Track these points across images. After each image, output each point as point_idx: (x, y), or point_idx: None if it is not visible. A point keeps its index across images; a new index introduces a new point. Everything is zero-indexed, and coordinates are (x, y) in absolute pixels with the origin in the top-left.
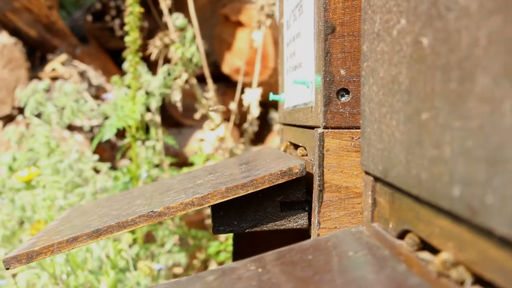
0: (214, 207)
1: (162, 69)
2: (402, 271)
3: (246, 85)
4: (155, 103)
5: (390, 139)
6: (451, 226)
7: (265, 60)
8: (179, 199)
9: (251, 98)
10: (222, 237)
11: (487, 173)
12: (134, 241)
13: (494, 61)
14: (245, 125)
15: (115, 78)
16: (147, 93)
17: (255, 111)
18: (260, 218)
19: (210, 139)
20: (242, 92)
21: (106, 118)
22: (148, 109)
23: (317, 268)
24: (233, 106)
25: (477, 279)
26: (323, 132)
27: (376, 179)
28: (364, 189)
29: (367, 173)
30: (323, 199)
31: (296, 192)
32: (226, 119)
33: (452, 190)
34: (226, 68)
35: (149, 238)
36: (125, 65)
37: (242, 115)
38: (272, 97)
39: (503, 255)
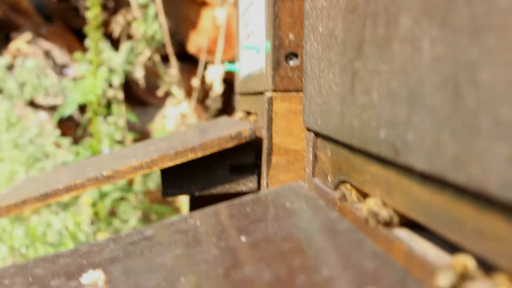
0: (165, 171)
1: (124, 46)
2: (334, 217)
3: (211, 63)
4: (117, 80)
5: (328, 92)
6: (380, 171)
7: (229, 38)
8: (129, 164)
9: (214, 75)
10: (185, 211)
11: (407, 112)
12: (97, 216)
13: (415, 1)
14: (208, 102)
15: (77, 54)
16: (110, 70)
17: (218, 88)
18: (209, 182)
19: (173, 116)
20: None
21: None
22: (111, 86)
23: (253, 219)
24: (195, 82)
25: (406, 223)
26: (271, 95)
27: (317, 134)
28: (306, 146)
29: (308, 129)
30: (271, 162)
31: (246, 156)
32: (190, 96)
33: (379, 133)
34: (191, 48)
35: (114, 215)
36: (87, 41)
37: (207, 92)
38: (227, 67)
39: (423, 192)
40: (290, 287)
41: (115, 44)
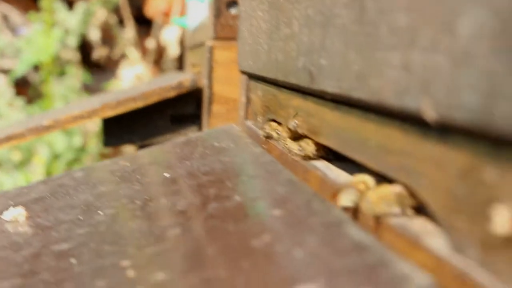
0: (107, 122)
1: (79, 6)
2: (258, 152)
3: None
4: (73, 40)
5: (258, 31)
6: (302, 103)
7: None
8: (70, 113)
9: (170, 36)
10: None
11: (321, 36)
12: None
13: None
14: (164, 64)
15: (32, 14)
16: (65, 31)
17: (173, 50)
18: (151, 132)
19: (128, 77)
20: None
21: None
22: (66, 47)
23: (181, 157)
24: (150, 44)
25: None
26: (212, 45)
27: (250, 76)
28: (241, 89)
29: (243, 72)
30: (212, 111)
31: (187, 106)
32: (146, 58)
33: (298, 62)
34: (149, 11)
35: None
36: (41, 1)
37: (162, 54)
38: (175, 21)
39: (335, 117)
40: (200, 213)
41: (71, 5)
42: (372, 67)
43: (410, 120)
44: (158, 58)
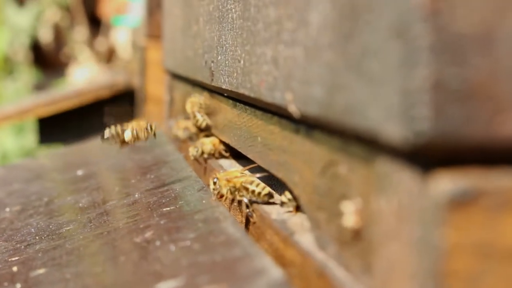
0: (42, 121)
1: (30, 6)
2: (169, 150)
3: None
4: (23, 40)
5: (175, 29)
6: (209, 100)
7: None
8: (3, 113)
9: (119, 36)
10: None
11: (218, 32)
12: None
13: None
14: (115, 64)
15: None
16: (15, 31)
17: (123, 50)
18: (85, 131)
19: (79, 77)
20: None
21: None
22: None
23: (99, 155)
24: (101, 44)
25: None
26: (144, 45)
27: (172, 75)
28: (165, 89)
29: (166, 71)
30: (145, 110)
31: (121, 106)
32: (98, 58)
33: (203, 60)
34: (102, 12)
35: None
36: None
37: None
38: (116, 20)
39: (234, 115)
40: (97, 211)
41: (21, 3)
42: (253, 63)
43: (284, 116)
44: (110, 58)
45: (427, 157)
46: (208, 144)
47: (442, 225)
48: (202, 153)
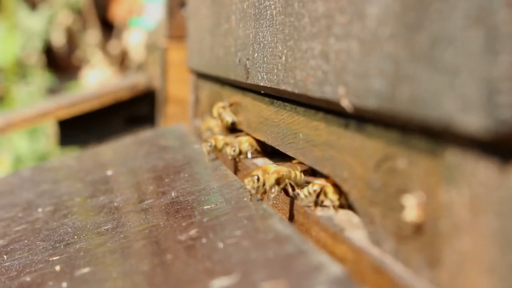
0: (63, 123)
1: (43, 10)
2: (199, 149)
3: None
4: (36, 43)
5: (202, 28)
6: (241, 99)
7: None
8: (20, 116)
9: (133, 39)
10: None
11: (254, 29)
12: None
13: None
14: (128, 66)
15: None
16: (28, 34)
17: (136, 52)
18: (105, 133)
19: (93, 80)
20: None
21: None
22: (29, 50)
23: (126, 156)
24: (114, 46)
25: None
26: (165, 46)
27: (198, 75)
28: (190, 88)
29: (191, 71)
30: (166, 112)
31: (142, 107)
32: (111, 61)
33: (236, 57)
34: (114, 16)
35: None
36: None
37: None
38: (133, 22)
39: (271, 112)
40: (134, 209)
41: (34, 7)
42: (297, 58)
43: (332, 111)
44: (122, 61)
45: (506, 147)
46: (245, 142)
47: None
48: (240, 152)
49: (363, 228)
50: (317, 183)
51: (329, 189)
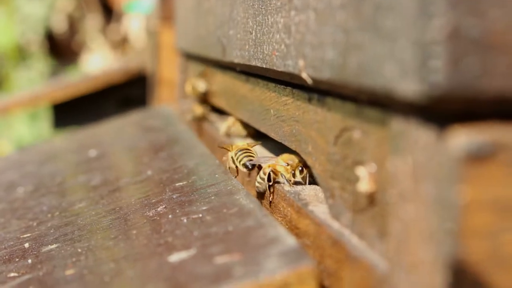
0: (57, 106)
1: None
2: (181, 129)
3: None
4: (37, 28)
5: (186, 8)
6: (221, 78)
7: None
8: (17, 98)
9: (132, 24)
10: None
11: (230, 7)
12: None
13: None
14: (129, 52)
15: None
16: (28, 20)
17: (136, 37)
18: (99, 115)
19: (93, 65)
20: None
21: None
22: (29, 36)
23: (112, 136)
24: (114, 31)
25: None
26: (157, 30)
27: (185, 55)
28: (178, 69)
29: (179, 51)
30: (157, 94)
31: (134, 90)
32: (112, 46)
33: (215, 36)
34: (117, 1)
35: None
36: None
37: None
38: (128, 7)
39: (246, 90)
40: (109, 188)
41: None
42: (265, 32)
43: (298, 86)
44: (123, 45)
45: (443, 112)
46: (234, 125)
47: (459, 181)
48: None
49: (325, 202)
50: (266, 166)
51: (281, 168)
